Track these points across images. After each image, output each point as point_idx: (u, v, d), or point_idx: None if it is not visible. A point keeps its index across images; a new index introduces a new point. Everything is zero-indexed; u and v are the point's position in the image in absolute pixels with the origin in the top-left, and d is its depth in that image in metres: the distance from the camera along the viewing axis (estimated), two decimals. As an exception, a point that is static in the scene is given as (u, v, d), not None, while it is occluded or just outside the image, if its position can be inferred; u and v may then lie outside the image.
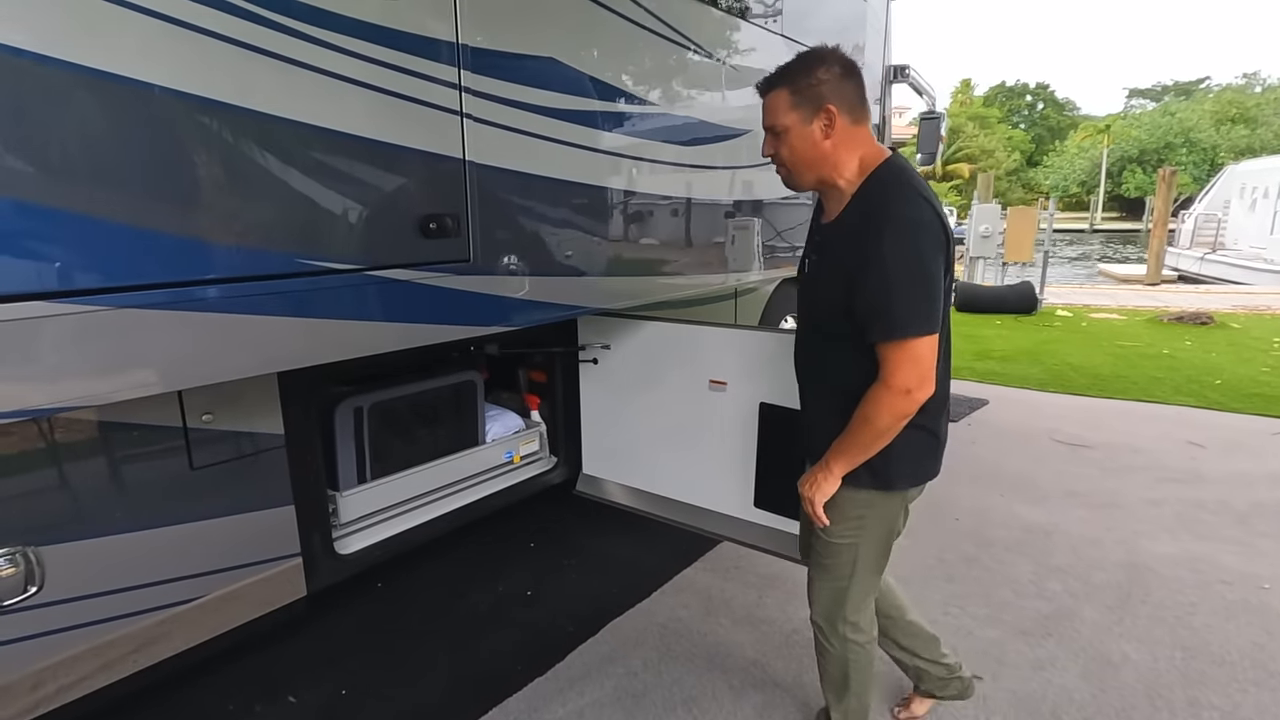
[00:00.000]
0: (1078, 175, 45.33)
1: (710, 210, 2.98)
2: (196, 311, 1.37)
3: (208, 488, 1.84)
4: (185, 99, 1.33)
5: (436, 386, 2.57)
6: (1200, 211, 18.86)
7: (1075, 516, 3.36)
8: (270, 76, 1.43)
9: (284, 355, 1.58)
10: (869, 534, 1.60)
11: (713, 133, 2.80)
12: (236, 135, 1.41)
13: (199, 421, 1.80)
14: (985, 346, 7.44)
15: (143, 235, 1.32)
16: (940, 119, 5.64)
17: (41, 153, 1.20)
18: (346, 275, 1.58)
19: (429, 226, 1.68)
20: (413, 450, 2.51)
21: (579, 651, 2.36)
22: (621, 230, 2.46)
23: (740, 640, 2.41)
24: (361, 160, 1.60)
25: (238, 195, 1.44)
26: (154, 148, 1.32)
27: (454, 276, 1.78)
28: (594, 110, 2.16)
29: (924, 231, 1.34)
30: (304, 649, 2.37)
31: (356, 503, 2.32)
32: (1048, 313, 9.52)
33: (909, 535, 3.20)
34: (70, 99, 1.22)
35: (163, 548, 1.77)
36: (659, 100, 2.50)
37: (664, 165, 2.58)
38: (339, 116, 1.54)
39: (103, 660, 1.71)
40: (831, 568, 1.65)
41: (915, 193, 1.38)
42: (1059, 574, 2.83)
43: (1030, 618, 2.53)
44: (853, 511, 1.57)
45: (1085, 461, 4.11)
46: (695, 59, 2.68)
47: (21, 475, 1.55)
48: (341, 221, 1.61)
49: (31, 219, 1.20)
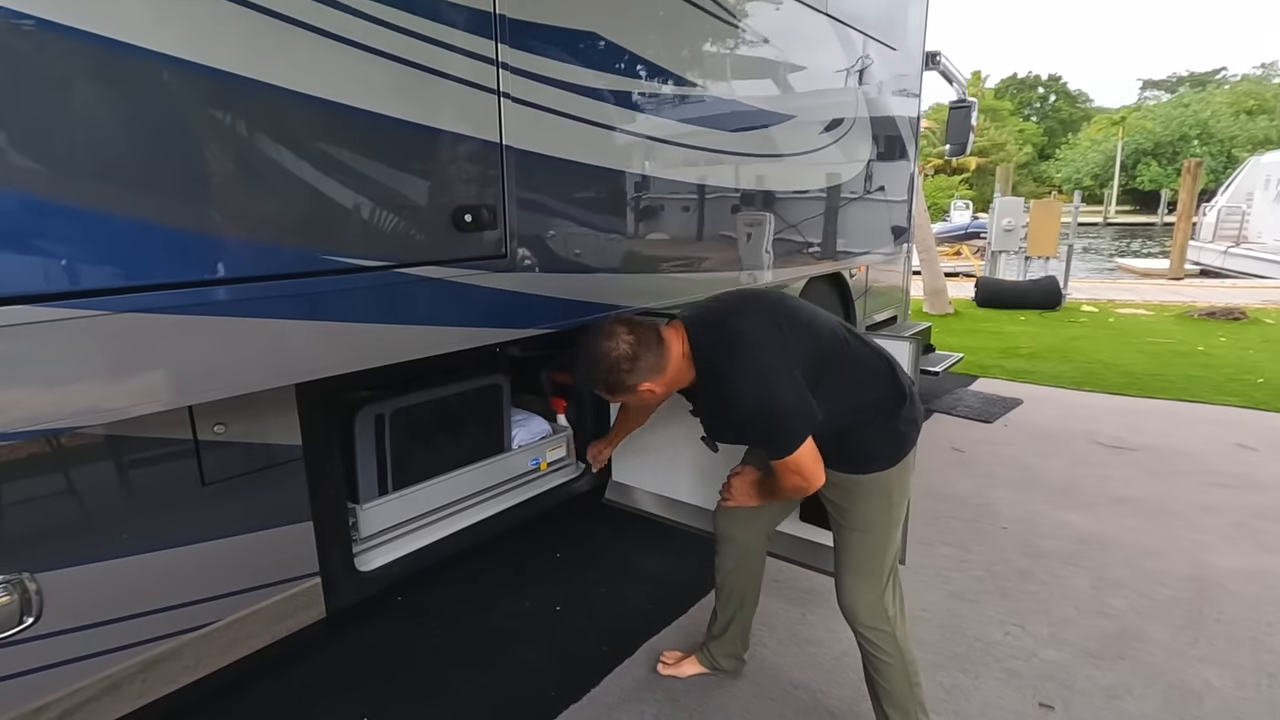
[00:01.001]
0: (1091, 168, 44.72)
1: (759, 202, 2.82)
2: (199, 315, 1.21)
3: (220, 505, 1.69)
4: (183, 68, 1.16)
5: (461, 391, 2.42)
6: (1223, 204, 18.47)
7: (1128, 525, 3.18)
8: (283, 45, 1.27)
9: (303, 365, 1.42)
10: (887, 510, 1.69)
11: (765, 120, 2.64)
12: (245, 113, 1.25)
13: (210, 433, 1.65)
14: (1011, 343, 7.24)
15: (135, 229, 1.15)
16: (971, 107, 5.44)
17: (19, 136, 1.03)
18: (372, 274, 1.42)
19: (463, 219, 1.52)
20: (436, 459, 2.37)
21: (615, 674, 2.21)
22: (668, 225, 2.29)
23: (786, 663, 2.25)
24: (387, 143, 1.44)
25: (245, 182, 1.28)
26: (146, 126, 1.15)
27: (489, 274, 1.62)
28: (642, 92, 1.99)
29: (758, 393, 1.51)
30: (323, 671, 2.22)
31: (378, 515, 2.17)
32: (1072, 308, 9.30)
33: (955, 545, 3.08)
34: (44, 65, 1.05)
35: (172, 571, 1.62)
36: (709, 83, 2.32)
37: (710, 153, 2.41)
38: (361, 93, 1.37)
39: (109, 692, 1.56)
40: (864, 556, 1.70)
41: (735, 355, 1.53)
42: (1120, 589, 2.65)
43: (1096, 638, 2.36)
44: (873, 493, 1.66)
45: (1130, 465, 3.93)
46: (750, 39, 2.49)
47: (15, 495, 1.40)
48: (364, 213, 1.44)
49: (14, 212, 1.04)
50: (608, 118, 1.86)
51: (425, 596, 2.62)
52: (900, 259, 5.25)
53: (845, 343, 1.63)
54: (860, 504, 1.68)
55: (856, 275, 4.72)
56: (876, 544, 1.69)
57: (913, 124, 4.52)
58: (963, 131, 5.51)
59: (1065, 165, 46.53)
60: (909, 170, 4.62)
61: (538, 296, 1.74)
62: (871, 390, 1.63)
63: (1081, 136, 48.90)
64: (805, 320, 1.61)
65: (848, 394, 1.59)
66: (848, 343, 1.64)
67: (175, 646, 1.67)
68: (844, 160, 3.55)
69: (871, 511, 1.68)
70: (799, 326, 1.58)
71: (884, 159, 4.11)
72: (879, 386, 1.65)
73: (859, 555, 1.71)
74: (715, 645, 2.13)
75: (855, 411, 1.61)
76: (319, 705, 2.08)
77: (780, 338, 1.54)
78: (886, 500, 1.67)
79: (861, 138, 3.73)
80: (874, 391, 1.64)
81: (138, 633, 1.58)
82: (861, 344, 1.68)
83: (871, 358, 1.67)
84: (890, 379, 1.66)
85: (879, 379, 1.65)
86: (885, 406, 1.63)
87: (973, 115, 5.51)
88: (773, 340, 1.53)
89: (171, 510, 1.61)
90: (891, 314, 5.34)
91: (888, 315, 5.26)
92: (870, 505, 1.67)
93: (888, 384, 1.65)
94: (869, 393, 1.63)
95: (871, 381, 1.64)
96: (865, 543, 1.70)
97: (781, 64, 2.75)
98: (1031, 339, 7.46)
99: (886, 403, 1.63)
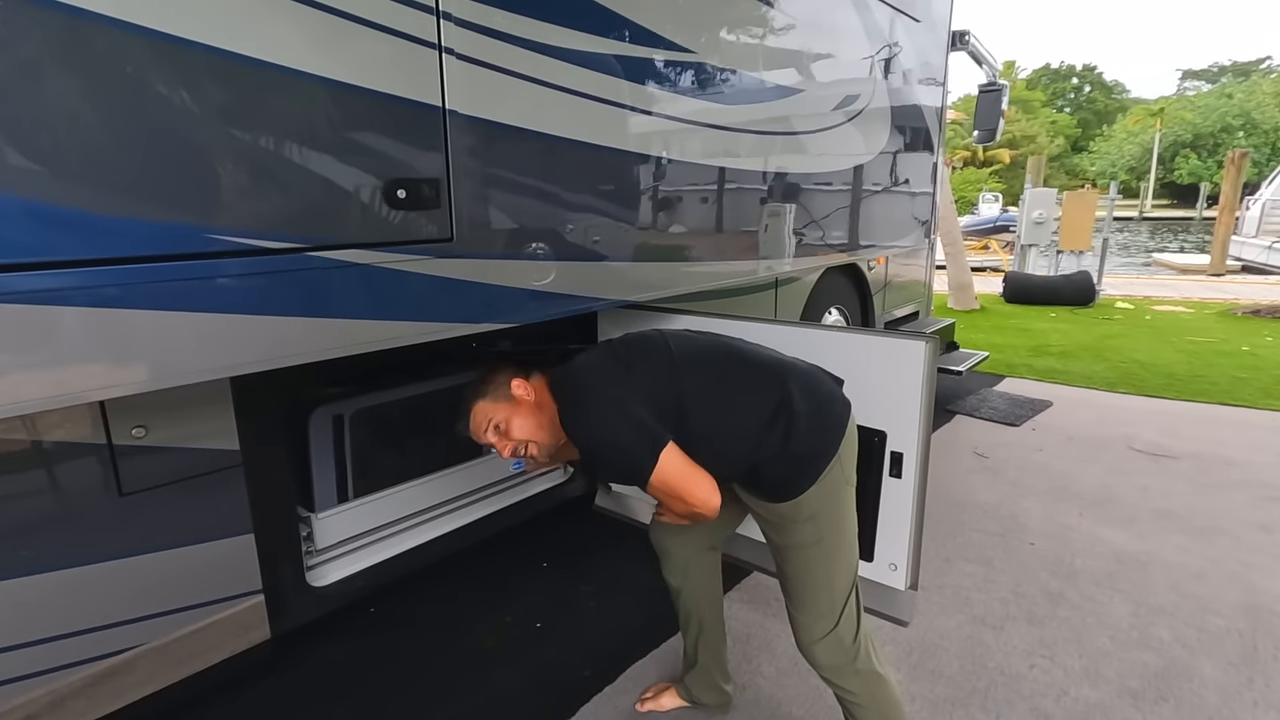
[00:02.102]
0: (1126, 161, 43.43)
1: (755, 184, 2.57)
2: (53, 305, 1.01)
3: (142, 516, 1.51)
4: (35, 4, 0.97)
5: (432, 390, 2.22)
6: (1268, 197, 17.67)
7: (1172, 543, 2.90)
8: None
9: (187, 363, 1.17)
10: (816, 535, 1.49)
11: (761, 92, 2.38)
12: (117, 64, 1.04)
13: (129, 437, 1.47)
14: (1041, 341, 6.89)
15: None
16: (1002, 91, 5.13)
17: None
18: (281, 257, 1.20)
19: (396, 195, 1.31)
20: (404, 463, 2.17)
21: (594, 703, 2.01)
22: (647, 207, 2.04)
23: (786, 695, 2.02)
24: (301, 103, 1.22)
25: (120, 145, 1.06)
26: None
27: (432, 260, 1.40)
28: (619, 55, 1.74)
29: (589, 433, 1.42)
30: (282, 689, 2.04)
31: (336, 526, 1.99)
32: (1106, 305, 8.89)
33: (978, 562, 2.83)
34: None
35: (84, 591, 1.44)
36: (698, 44, 2.06)
37: (699, 127, 2.15)
38: (269, 44, 1.16)
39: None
40: (804, 587, 1.51)
41: (570, 404, 1.45)
42: (1164, 617, 2.38)
43: (1137, 674, 2.10)
44: (796, 517, 1.47)
45: (1172, 474, 3.62)
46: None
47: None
48: (272, 185, 1.22)
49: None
50: (578, 83, 1.62)
51: (396, 606, 2.44)
52: (923, 252, 4.97)
53: (709, 359, 1.52)
54: (787, 531, 1.50)
55: (875, 268, 4.46)
56: (815, 573, 1.50)
57: (936, 107, 4.21)
58: (992, 117, 5.20)
59: (1099, 158, 45.25)
60: (933, 156, 4.33)
61: (492, 287, 1.52)
62: (747, 424, 1.46)
63: (1117, 128, 47.47)
64: (658, 354, 1.50)
65: (719, 435, 1.45)
66: (712, 356, 1.53)
67: (95, 673, 1.49)
68: (858, 141, 3.28)
69: (800, 536, 1.49)
70: (646, 358, 1.49)
71: (904, 142, 3.83)
72: (756, 424, 1.46)
73: (798, 586, 1.53)
74: (690, 678, 1.93)
75: (738, 447, 1.45)
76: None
77: (614, 366, 1.47)
78: (812, 523, 1.47)
79: (878, 117, 3.45)
80: (750, 426, 1.45)
81: (44, 660, 1.41)
82: (744, 373, 1.52)
83: (749, 392, 1.49)
84: (775, 411, 1.45)
85: (756, 412, 1.46)
86: (770, 441, 1.44)
87: (1003, 100, 5.20)
88: (603, 369, 1.47)
89: (83, 523, 1.44)
90: (913, 309, 5.06)
91: (908, 311, 4.99)
92: (797, 531, 1.49)
93: (766, 421, 1.45)
94: (744, 432, 1.45)
95: (748, 416, 1.46)
96: (802, 573, 1.51)
97: (786, 26, 2.49)
98: (1063, 337, 7.10)
99: (772, 439, 1.44)
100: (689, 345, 1.55)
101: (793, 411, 1.43)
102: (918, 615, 2.35)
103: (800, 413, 1.43)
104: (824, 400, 1.50)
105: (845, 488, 1.50)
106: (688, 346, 1.55)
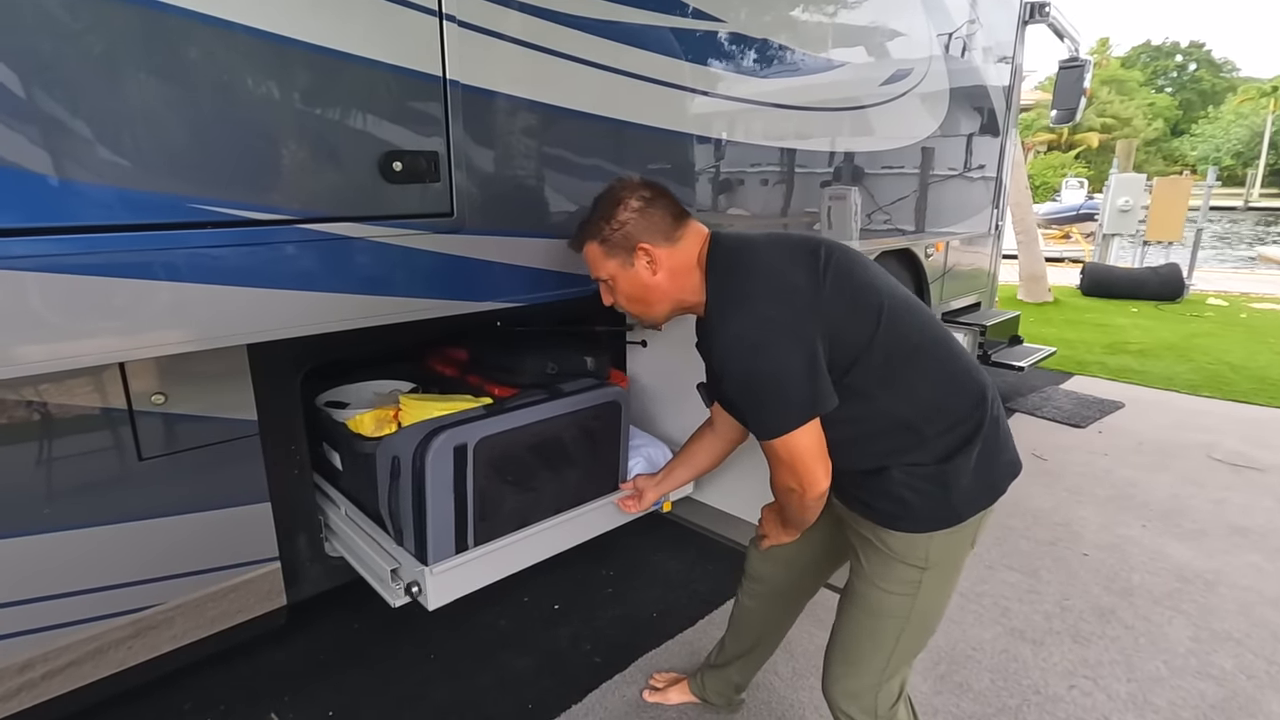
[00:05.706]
0: (1233, 145, 40.09)
1: (787, 162, 2.44)
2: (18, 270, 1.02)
3: (160, 481, 1.56)
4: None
5: (566, 414, 1.84)
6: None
7: (1246, 562, 2.65)
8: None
9: (170, 335, 1.19)
10: (935, 580, 1.28)
11: (797, 66, 2.25)
12: (103, 30, 1.04)
13: (148, 404, 1.52)
14: (1119, 338, 6.45)
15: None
16: (1084, 67, 4.75)
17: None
18: (271, 228, 1.19)
19: (393, 168, 1.28)
20: (529, 503, 1.83)
21: (602, 690, 1.98)
22: (669, 184, 1.94)
23: (799, 701, 1.95)
24: (294, 71, 1.20)
25: (101, 110, 1.06)
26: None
27: (432, 235, 1.37)
28: (630, 22, 1.65)
29: (754, 344, 1.14)
30: (293, 657, 2.10)
31: (450, 581, 1.72)
32: (1196, 300, 8.25)
33: (1023, 571, 2.66)
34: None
35: (102, 550, 1.50)
36: (726, 13, 1.94)
37: (719, 100, 2.03)
38: (262, 12, 1.14)
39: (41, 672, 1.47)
40: (862, 638, 1.33)
41: (743, 289, 1.20)
42: (1230, 644, 2.18)
43: (1192, 705, 1.92)
44: (915, 555, 1.25)
45: (1255, 488, 3.32)
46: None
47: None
48: (262, 154, 1.20)
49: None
50: (588, 51, 1.55)
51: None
52: (987, 239, 4.68)
53: (919, 328, 1.23)
54: (883, 567, 1.28)
55: (933, 255, 4.23)
56: (884, 631, 1.29)
57: (1004, 85, 3.93)
58: (1072, 95, 4.82)
59: (1202, 141, 41.89)
60: (999, 137, 4.05)
61: (496, 264, 1.48)
62: (944, 397, 1.21)
63: (1224, 109, 43.80)
64: (861, 279, 1.22)
65: (902, 396, 1.20)
66: (923, 328, 1.24)
67: (112, 628, 1.56)
68: (912, 120, 3.08)
69: (895, 581, 1.27)
70: (844, 281, 1.20)
71: (966, 122, 3.59)
72: (954, 396, 1.22)
73: (859, 636, 1.32)
74: (710, 675, 1.85)
75: (889, 442, 1.22)
76: (284, 691, 1.96)
77: (812, 274, 1.18)
78: (918, 572, 1.25)
79: (936, 94, 3.24)
80: (946, 398, 1.21)
81: (65, 613, 1.48)
82: (948, 365, 1.26)
83: (950, 358, 1.25)
84: (958, 422, 1.22)
85: (956, 386, 1.23)
86: (933, 449, 1.20)
87: (1086, 77, 4.81)
88: (789, 281, 1.17)
89: (102, 485, 1.49)
90: (975, 299, 4.79)
91: (969, 301, 4.72)
92: (896, 573, 1.26)
93: (945, 427, 1.21)
94: (946, 399, 1.21)
95: (945, 387, 1.23)
96: (869, 626, 1.31)
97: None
98: (1143, 334, 6.62)
99: (936, 448, 1.20)
100: (900, 295, 1.25)
101: (980, 433, 1.21)
102: (949, 623, 2.22)
103: (987, 437, 1.22)
104: (1008, 441, 1.29)
105: (968, 551, 1.30)
106: (899, 295, 1.25)
